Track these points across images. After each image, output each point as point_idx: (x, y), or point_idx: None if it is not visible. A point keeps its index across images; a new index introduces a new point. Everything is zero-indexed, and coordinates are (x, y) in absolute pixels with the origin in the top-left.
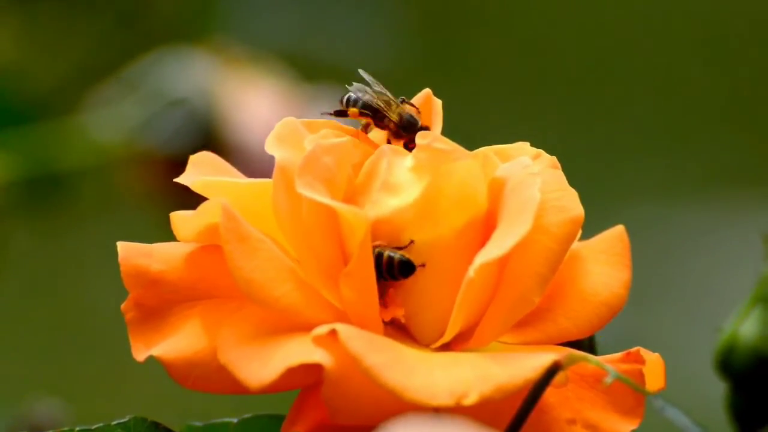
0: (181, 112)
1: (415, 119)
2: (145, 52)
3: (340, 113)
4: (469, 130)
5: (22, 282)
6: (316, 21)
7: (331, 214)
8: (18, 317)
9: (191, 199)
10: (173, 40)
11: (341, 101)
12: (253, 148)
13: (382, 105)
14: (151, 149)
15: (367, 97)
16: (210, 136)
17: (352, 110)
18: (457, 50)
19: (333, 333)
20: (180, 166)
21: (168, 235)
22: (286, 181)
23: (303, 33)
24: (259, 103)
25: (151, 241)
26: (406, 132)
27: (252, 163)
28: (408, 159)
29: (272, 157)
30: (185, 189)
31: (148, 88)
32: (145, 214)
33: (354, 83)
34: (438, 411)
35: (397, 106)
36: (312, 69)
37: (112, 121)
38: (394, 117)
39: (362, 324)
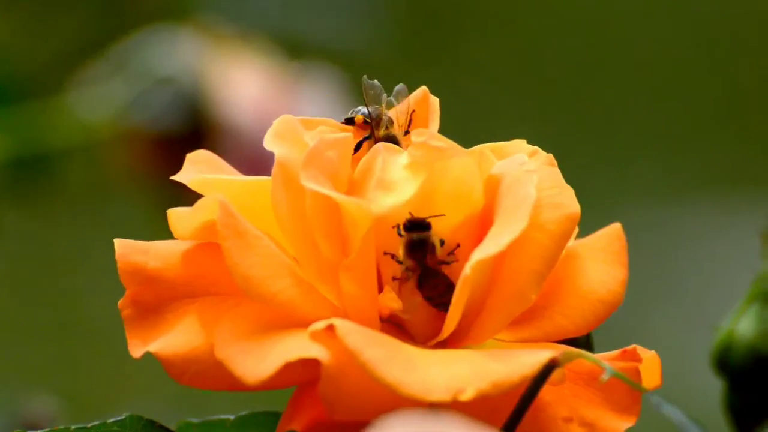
0: (168, 91)
1: (394, 142)
2: (131, 31)
3: (348, 121)
4: (466, 129)
5: (12, 269)
6: (302, 4)
7: (334, 207)
8: (10, 308)
9: (180, 184)
10: (160, 18)
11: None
12: (240, 126)
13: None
14: (139, 128)
15: (374, 111)
16: (197, 115)
17: (359, 117)
18: (458, 49)
19: (330, 328)
20: (168, 145)
21: (156, 218)
22: (285, 177)
23: (289, 12)
24: (246, 81)
25: (139, 221)
26: None
27: (239, 141)
28: (403, 156)
29: (259, 136)
30: (173, 168)
31: (135, 67)
32: (133, 193)
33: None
34: (434, 407)
35: (389, 121)
36: (299, 47)
37: (99, 100)
38: (379, 133)
39: (360, 320)
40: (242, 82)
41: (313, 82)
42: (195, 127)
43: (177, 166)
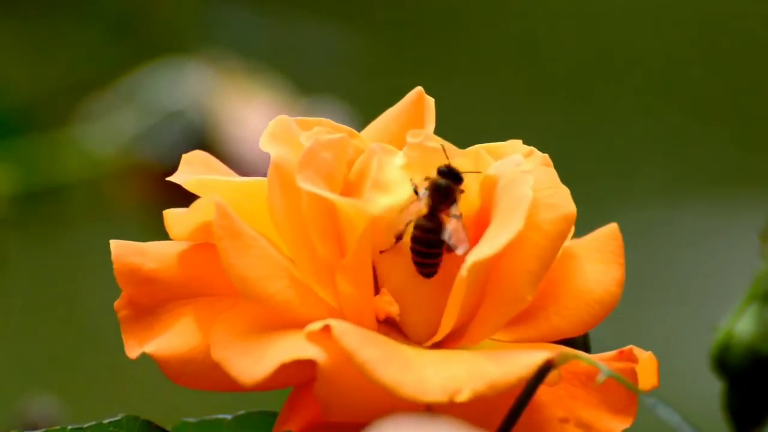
0: (176, 125)
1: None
2: (139, 63)
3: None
4: (464, 129)
5: (18, 289)
6: (307, 33)
7: (330, 208)
8: (14, 321)
9: None
10: (168, 51)
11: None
12: (248, 160)
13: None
14: (146, 162)
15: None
16: (205, 149)
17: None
18: (455, 50)
19: (327, 329)
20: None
21: None
22: (281, 178)
23: (296, 44)
24: (254, 115)
25: None
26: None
27: (247, 176)
28: (399, 157)
29: (267, 170)
30: (180, 201)
31: (143, 100)
32: (140, 226)
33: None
34: (431, 408)
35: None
36: (307, 80)
37: (106, 133)
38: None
39: (356, 321)
40: (250, 116)
41: (320, 116)
42: None
43: (184, 201)
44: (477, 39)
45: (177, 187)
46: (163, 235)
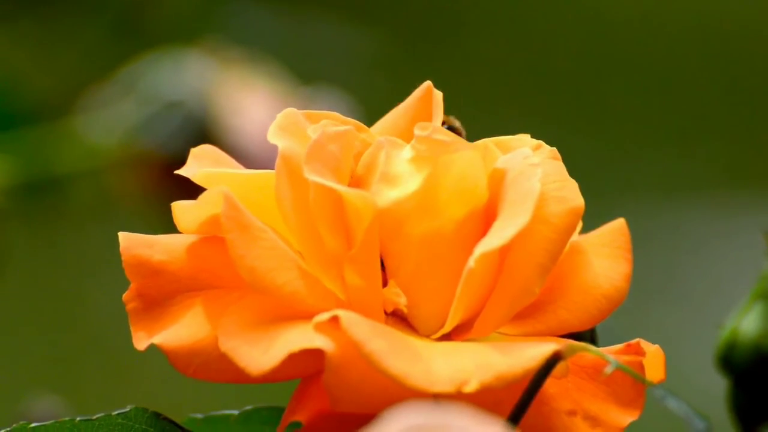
0: (177, 115)
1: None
2: (140, 54)
3: None
4: (471, 124)
5: (21, 282)
6: (309, 24)
7: (337, 200)
8: (17, 317)
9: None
10: (169, 42)
11: None
12: (249, 150)
13: None
14: (148, 152)
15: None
16: (206, 139)
17: None
18: (463, 45)
19: (335, 320)
20: (176, 169)
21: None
22: (289, 170)
23: (298, 36)
24: (255, 105)
25: None
26: None
27: (247, 166)
28: (407, 150)
29: (269, 159)
30: (182, 191)
31: (143, 90)
32: (142, 216)
33: None
34: (438, 398)
35: None
36: (308, 71)
37: (108, 123)
38: None
39: (364, 312)
40: (251, 106)
41: (322, 106)
42: None
43: (185, 190)
44: (481, 37)
45: (179, 178)
46: (165, 225)
